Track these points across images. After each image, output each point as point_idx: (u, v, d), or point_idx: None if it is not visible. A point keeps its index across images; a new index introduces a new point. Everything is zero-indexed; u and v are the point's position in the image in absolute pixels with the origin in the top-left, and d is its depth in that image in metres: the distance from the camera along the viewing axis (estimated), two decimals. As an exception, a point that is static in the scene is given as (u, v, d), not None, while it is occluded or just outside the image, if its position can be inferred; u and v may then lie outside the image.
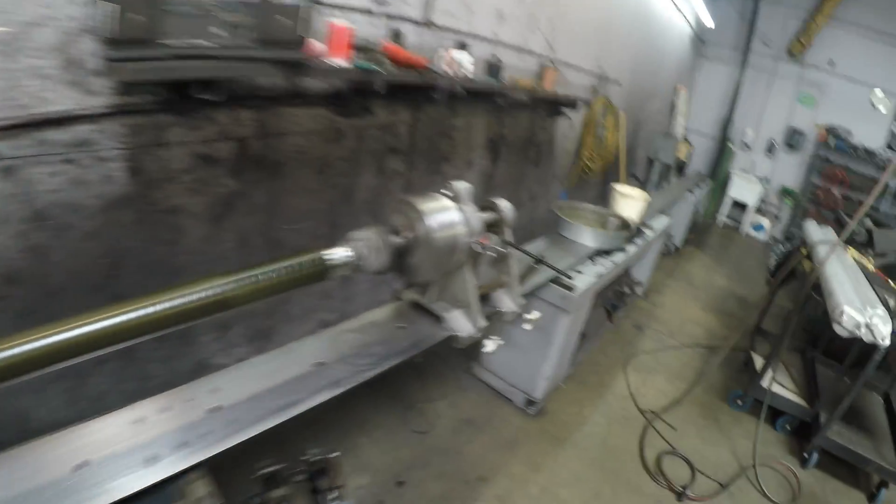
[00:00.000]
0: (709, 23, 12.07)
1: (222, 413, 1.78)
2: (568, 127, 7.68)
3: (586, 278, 4.31)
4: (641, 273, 7.26)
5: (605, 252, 4.87)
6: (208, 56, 2.34)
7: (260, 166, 3.34)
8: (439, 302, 2.70)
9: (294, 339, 4.34)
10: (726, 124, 13.83)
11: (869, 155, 11.92)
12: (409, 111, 4.56)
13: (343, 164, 4.03)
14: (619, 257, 4.94)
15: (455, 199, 2.46)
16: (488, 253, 2.53)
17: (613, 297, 6.45)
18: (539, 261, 2.96)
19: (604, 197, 6.90)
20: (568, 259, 4.39)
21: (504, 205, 2.84)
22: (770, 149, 13.84)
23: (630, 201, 5.64)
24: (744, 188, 13.38)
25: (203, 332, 3.41)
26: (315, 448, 3.80)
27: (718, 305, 8.38)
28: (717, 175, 13.53)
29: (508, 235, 2.79)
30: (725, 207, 13.86)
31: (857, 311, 4.06)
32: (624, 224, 5.20)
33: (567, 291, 4.08)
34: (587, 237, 4.74)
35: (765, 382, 5.15)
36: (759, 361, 5.68)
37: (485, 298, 2.99)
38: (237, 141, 3.10)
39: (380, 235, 2.07)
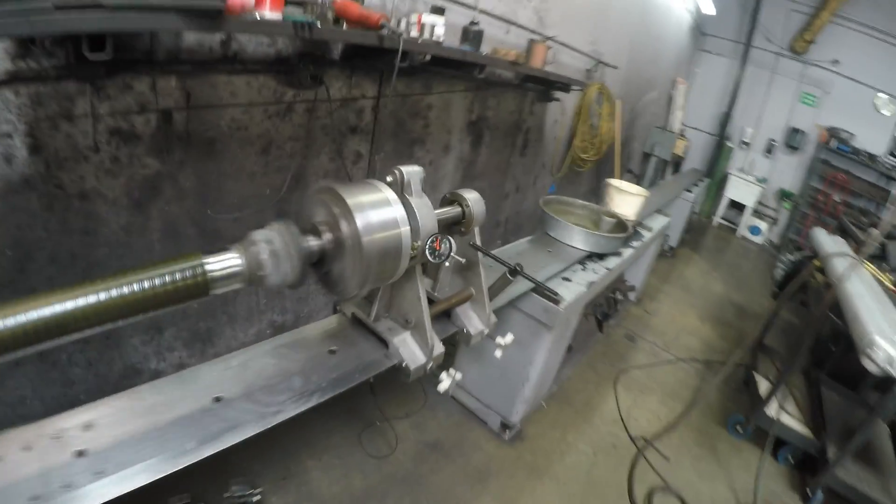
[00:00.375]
0: (709, 9, 11.47)
1: (89, 459, 1.45)
2: (559, 112, 7.14)
3: (575, 288, 3.73)
4: (635, 277, 6.71)
5: (597, 256, 4.30)
6: (95, 5, 1.87)
7: (189, 144, 2.97)
8: (385, 320, 2.25)
9: (240, 343, 3.86)
10: (725, 121, 13.29)
11: (871, 160, 11.40)
12: (373, 84, 3.99)
13: (292, 145, 3.59)
14: (613, 262, 4.34)
15: (401, 188, 1.87)
16: (444, 262, 1.98)
17: (605, 305, 5.91)
18: (515, 271, 2.33)
19: (596, 192, 6.40)
20: (554, 264, 3.82)
21: (472, 198, 2.28)
22: (769, 149, 13.32)
23: (627, 198, 5.04)
24: (741, 188, 12.88)
25: (132, 334, 3.15)
26: (238, 484, 3.22)
27: (716, 314, 7.90)
28: (714, 173, 13.05)
29: (476, 237, 2.35)
30: (721, 208, 13.39)
31: (891, 343, 3.40)
32: (620, 224, 4.59)
33: (552, 304, 3.48)
34: (578, 239, 4.13)
35: (771, 411, 4.73)
36: (763, 384, 5.21)
37: (447, 315, 2.50)
38: (159, 113, 2.76)
39: (288, 237, 1.53)
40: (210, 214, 3.22)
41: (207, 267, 1.34)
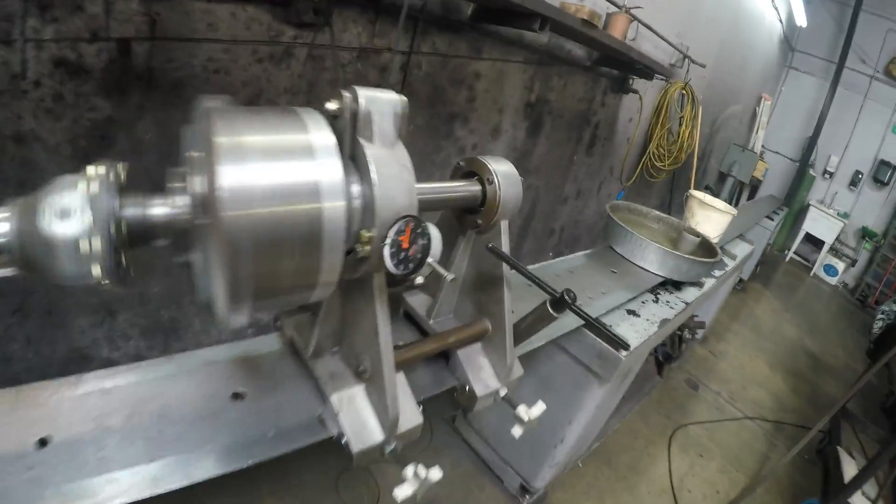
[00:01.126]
0: (801, 20, 10.65)
1: None
2: (635, 110, 6.32)
3: (644, 327, 2.81)
4: (706, 312, 5.81)
5: (673, 284, 3.38)
6: None
7: (150, 85, 2.51)
8: (331, 358, 1.47)
9: (212, 340, 3.46)
10: (810, 147, 12.09)
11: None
12: (404, 36, 3.24)
13: (289, 99, 3.00)
14: (692, 294, 3.41)
15: (352, 127, 1.12)
16: (411, 277, 1.20)
17: (668, 344, 4.92)
18: (562, 302, 1.52)
19: (667, 209, 5.43)
20: (619, 291, 2.95)
21: (501, 170, 1.49)
22: (854, 181, 12.26)
23: (712, 214, 4.14)
24: (821, 222, 11.80)
25: (77, 314, 2.72)
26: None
27: (788, 363, 7.09)
28: (792, 203, 11.84)
29: (503, 235, 1.55)
30: (796, 241, 12.24)
31: None
32: (705, 246, 3.59)
33: (611, 349, 2.56)
34: (653, 260, 3.21)
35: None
36: (847, 464, 4.41)
37: (444, 356, 1.70)
38: (115, 43, 2.31)
39: (99, 192, 0.86)
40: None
41: None
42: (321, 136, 1.01)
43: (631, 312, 2.86)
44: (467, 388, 1.61)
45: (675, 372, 5.63)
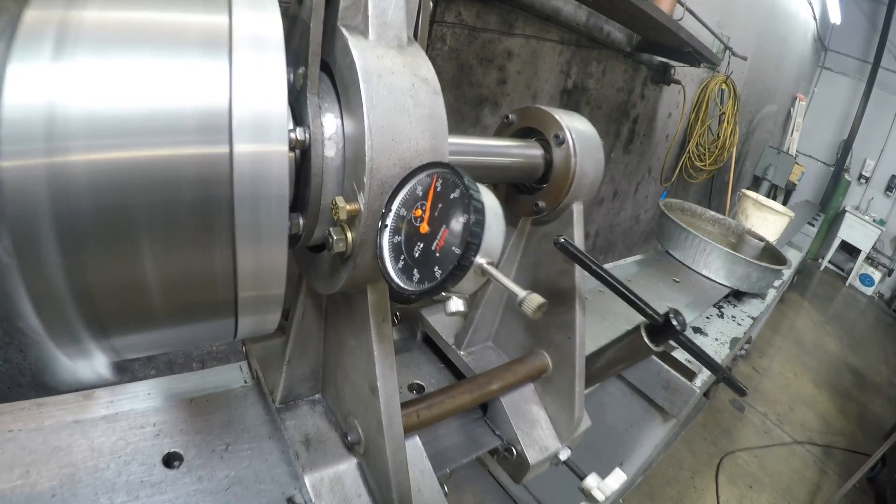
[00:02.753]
0: (835, 17, 10.27)
1: None
2: (674, 104, 5.88)
3: (715, 349, 2.37)
4: (753, 327, 5.24)
5: (734, 295, 2.91)
6: None
7: None
8: (310, 407, 1.02)
9: (203, 351, 3.00)
10: (846, 150, 11.61)
11: None
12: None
13: None
14: (756, 308, 2.93)
15: (298, 9, 0.72)
16: (450, 304, 0.62)
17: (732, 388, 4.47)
18: (674, 334, 0.97)
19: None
20: (686, 305, 2.49)
21: (577, 128, 1.04)
22: (890, 186, 11.72)
23: (768, 216, 3.74)
24: (858, 230, 11.22)
25: None
26: None
27: (832, 380, 6.73)
28: (827, 209, 11.37)
29: (575, 227, 1.09)
30: (831, 250, 11.71)
31: None
32: (771, 251, 3.12)
33: (683, 379, 2.07)
34: (719, 266, 2.76)
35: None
36: None
37: (482, 407, 1.23)
38: None
39: None
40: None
41: None
42: (255, 17, 0.58)
43: (697, 330, 2.40)
44: (515, 451, 1.13)
45: (720, 392, 5.20)
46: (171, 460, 0.93)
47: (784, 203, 9.90)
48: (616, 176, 5.53)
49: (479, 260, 0.59)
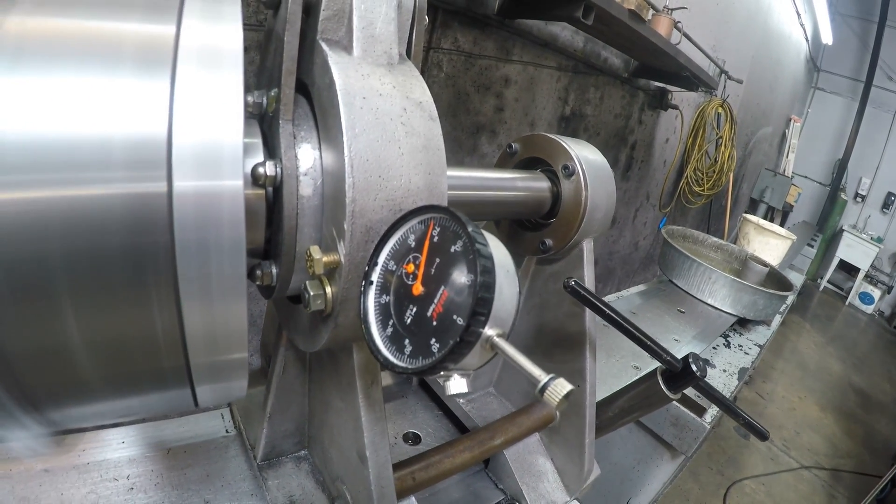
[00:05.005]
0: (826, 38, 10.39)
1: None
2: (671, 130, 5.86)
3: (724, 380, 2.33)
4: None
5: (739, 323, 2.87)
6: None
7: None
8: (295, 466, 0.93)
9: None
10: (841, 169, 11.66)
11: None
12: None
13: None
14: (762, 335, 2.90)
15: (293, 7, 0.56)
16: (451, 385, 0.51)
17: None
18: (691, 379, 0.92)
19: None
20: (693, 337, 2.43)
21: (586, 157, 0.99)
22: (887, 203, 11.74)
23: (770, 240, 3.70)
24: (856, 249, 11.20)
25: None
26: None
27: (837, 402, 6.66)
28: (825, 229, 11.41)
29: (586, 266, 1.01)
30: (829, 269, 11.68)
31: None
32: (775, 277, 3.08)
33: (693, 416, 2.01)
34: (725, 295, 2.71)
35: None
36: None
37: (485, 462, 1.16)
38: None
39: None
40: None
41: None
42: (208, 28, 0.49)
43: (706, 362, 2.33)
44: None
45: (724, 419, 5.05)
46: None
47: (781, 225, 9.91)
48: (615, 203, 5.42)
49: (488, 332, 0.49)
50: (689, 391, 1.99)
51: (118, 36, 0.45)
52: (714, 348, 2.50)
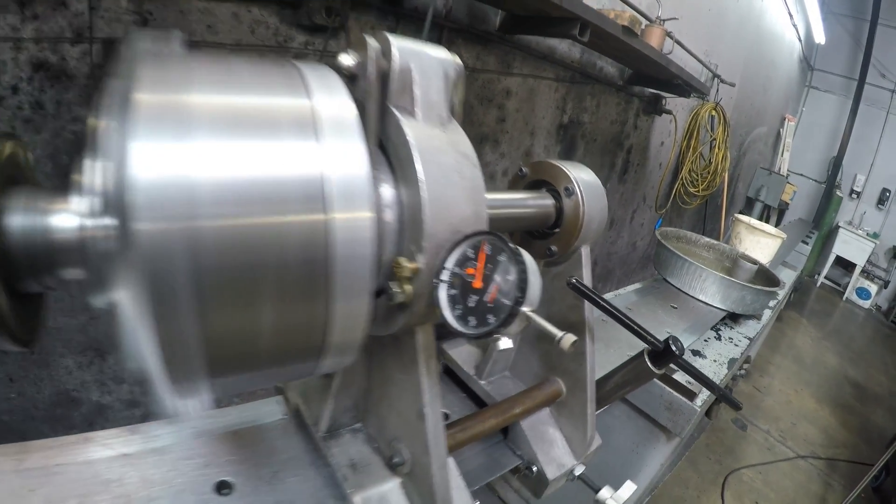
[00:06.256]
0: (819, 37, 10.57)
1: None
2: (666, 133, 6.09)
3: (714, 370, 2.48)
4: (752, 346, 5.38)
5: (731, 318, 3.07)
6: None
7: None
8: (352, 437, 1.09)
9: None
10: (836, 167, 11.83)
11: None
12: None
13: None
14: (753, 328, 3.08)
15: (376, 84, 0.76)
16: (483, 335, 0.76)
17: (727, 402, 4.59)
18: (667, 354, 1.13)
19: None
20: (685, 330, 2.60)
21: (583, 178, 1.17)
22: (882, 199, 11.92)
23: (761, 239, 3.88)
24: (852, 245, 11.39)
25: (62, 353, 2.47)
26: None
27: (833, 394, 6.84)
28: (821, 226, 11.49)
29: (584, 268, 1.22)
30: (826, 266, 11.88)
31: None
32: (764, 275, 3.25)
33: (684, 399, 2.18)
34: (715, 291, 2.87)
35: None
36: None
37: (503, 431, 1.33)
38: (103, 45, 2.11)
39: None
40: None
41: None
42: (332, 101, 0.66)
43: (696, 353, 2.53)
44: (535, 469, 1.25)
45: (722, 411, 5.23)
46: (221, 488, 0.98)
47: (778, 222, 10.05)
48: (612, 205, 5.63)
49: (524, 309, 0.73)
50: (681, 378, 2.19)
51: (276, 109, 0.62)
52: (706, 341, 2.69)
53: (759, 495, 4.35)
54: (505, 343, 0.72)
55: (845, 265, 11.73)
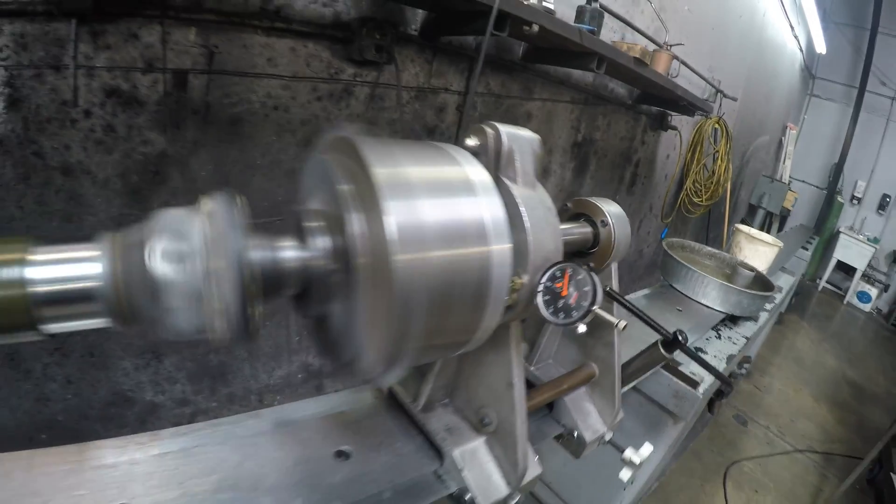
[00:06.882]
0: (820, 47, 10.72)
1: None
2: (671, 146, 6.34)
3: (714, 364, 2.77)
4: (750, 346, 5.62)
5: (730, 319, 3.34)
6: None
7: (207, 120, 2.40)
8: (443, 410, 1.37)
9: (261, 385, 3.41)
10: (837, 173, 12.02)
11: None
12: (459, 76, 3.25)
13: None
14: (750, 329, 3.36)
15: (494, 163, 1.04)
16: (576, 325, 1.08)
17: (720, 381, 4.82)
18: (674, 343, 1.53)
19: (704, 242, 5.46)
20: (682, 328, 2.77)
21: (613, 211, 1.45)
22: (882, 205, 12.10)
23: (759, 248, 4.14)
24: (852, 249, 11.58)
25: (122, 355, 2.59)
26: None
27: (831, 394, 7.01)
28: (822, 231, 11.62)
29: (614, 278, 1.54)
30: (828, 270, 12.05)
31: None
32: (760, 281, 3.55)
33: (688, 387, 2.52)
34: (714, 295, 3.18)
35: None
36: None
37: (549, 406, 1.62)
38: (171, 75, 2.24)
39: (221, 231, 0.67)
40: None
41: (30, 272, 0.62)
42: (477, 171, 0.93)
43: (699, 350, 2.84)
44: (576, 434, 1.59)
45: (723, 408, 5.53)
46: (340, 455, 1.20)
47: (780, 228, 10.26)
48: (621, 216, 5.88)
49: (595, 308, 1.04)
50: (685, 369, 2.52)
51: (448, 175, 0.88)
52: (707, 339, 2.99)
53: (758, 485, 4.57)
54: (582, 328, 1.03)
55: (846, 269, 11.88)
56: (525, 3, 2.58)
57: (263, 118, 2.54)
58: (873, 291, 11.77)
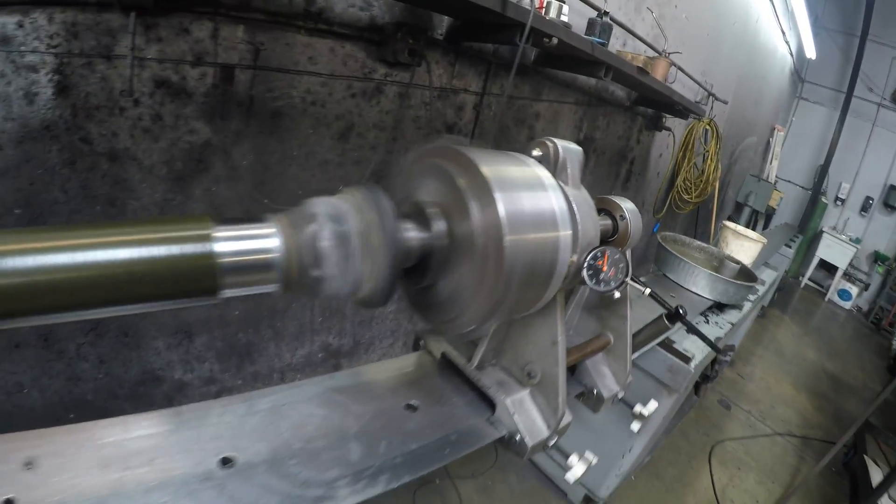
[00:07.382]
0: (810, 52, 10.95)
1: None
2: (664, 146, 6.59)
3: (702, 345, 3.08)
4: (734, 336, 5.93)
5: (717, 307, 3.68)
6: None
7: (250, 112, 2.51)
8: (492, 369, 1.57)
9: (284, 364, 3.16)
10: (822, 175, 12.34)
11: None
12: (477, 77, 3.49)
13: (376, 134, 3.08)
14: (735, 315, 3.70)
15: (553, 169, 1.21)
16: (612, 292, 1.35)
17: (707, 366, 5.13)
18: (676, 316, 1.86)
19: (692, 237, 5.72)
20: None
21: (628, 208, 1.65)
22: (865, 207, 12.43)
23: (745, 243, 4.40)
24: (835, 248, 11.94)
25: (155, 335, 2.68)
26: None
27: (810, 384, 7.24)
28: (806, 230, 12.08)
29: (628, 263, 1.63)
30: (811, 268, 12.42)
31: None
32: (745, 272, 3.87)
33: (681, 362, 2.85)
34: (703, 284, 3.49)
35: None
36: (874, 472, 4.64)
37: (570, 369, 1.85)
38: (218, 68, 2.33)
39: (376, 216, 0.82)
40: (267, 204, 2.71)
41: (218, 246, 0.70)
42: (545, 174, 1.12)
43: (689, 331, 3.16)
44: (595, 392, 1.89)
45: (709, 392, 5.80)
46: (411, 407, 1.38)
47: (765, 226, 10.55)
48: (617, 209, 6.14)
49: (627, 279, 1.34)
50: (679, 346, 2.84)
51: (527, 175, 1.04)
52: (696, 323, 3.30)
53: (740, 463, 4.82)
54: (617, 294, 1.30)
55: (828, 268, 12.22)
56: (545, 17, 2.87)
57: (302, 112, 2.68)
58: (854, 290, 12.11)
